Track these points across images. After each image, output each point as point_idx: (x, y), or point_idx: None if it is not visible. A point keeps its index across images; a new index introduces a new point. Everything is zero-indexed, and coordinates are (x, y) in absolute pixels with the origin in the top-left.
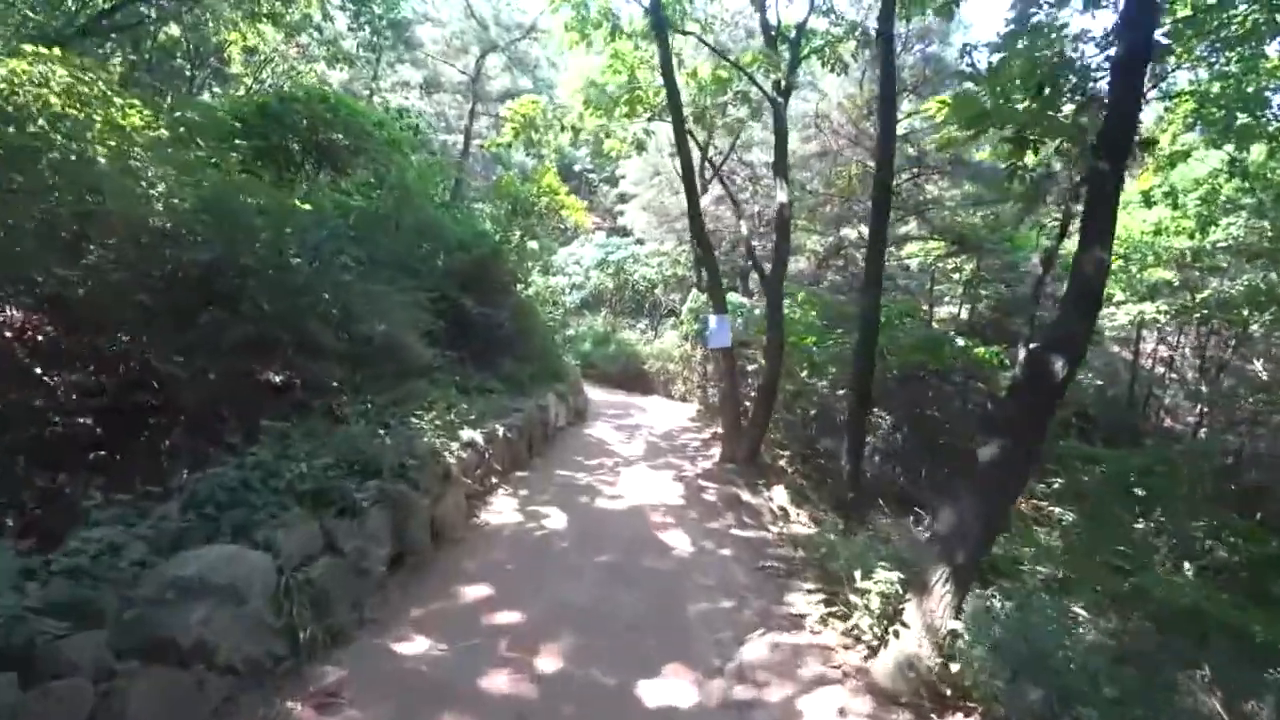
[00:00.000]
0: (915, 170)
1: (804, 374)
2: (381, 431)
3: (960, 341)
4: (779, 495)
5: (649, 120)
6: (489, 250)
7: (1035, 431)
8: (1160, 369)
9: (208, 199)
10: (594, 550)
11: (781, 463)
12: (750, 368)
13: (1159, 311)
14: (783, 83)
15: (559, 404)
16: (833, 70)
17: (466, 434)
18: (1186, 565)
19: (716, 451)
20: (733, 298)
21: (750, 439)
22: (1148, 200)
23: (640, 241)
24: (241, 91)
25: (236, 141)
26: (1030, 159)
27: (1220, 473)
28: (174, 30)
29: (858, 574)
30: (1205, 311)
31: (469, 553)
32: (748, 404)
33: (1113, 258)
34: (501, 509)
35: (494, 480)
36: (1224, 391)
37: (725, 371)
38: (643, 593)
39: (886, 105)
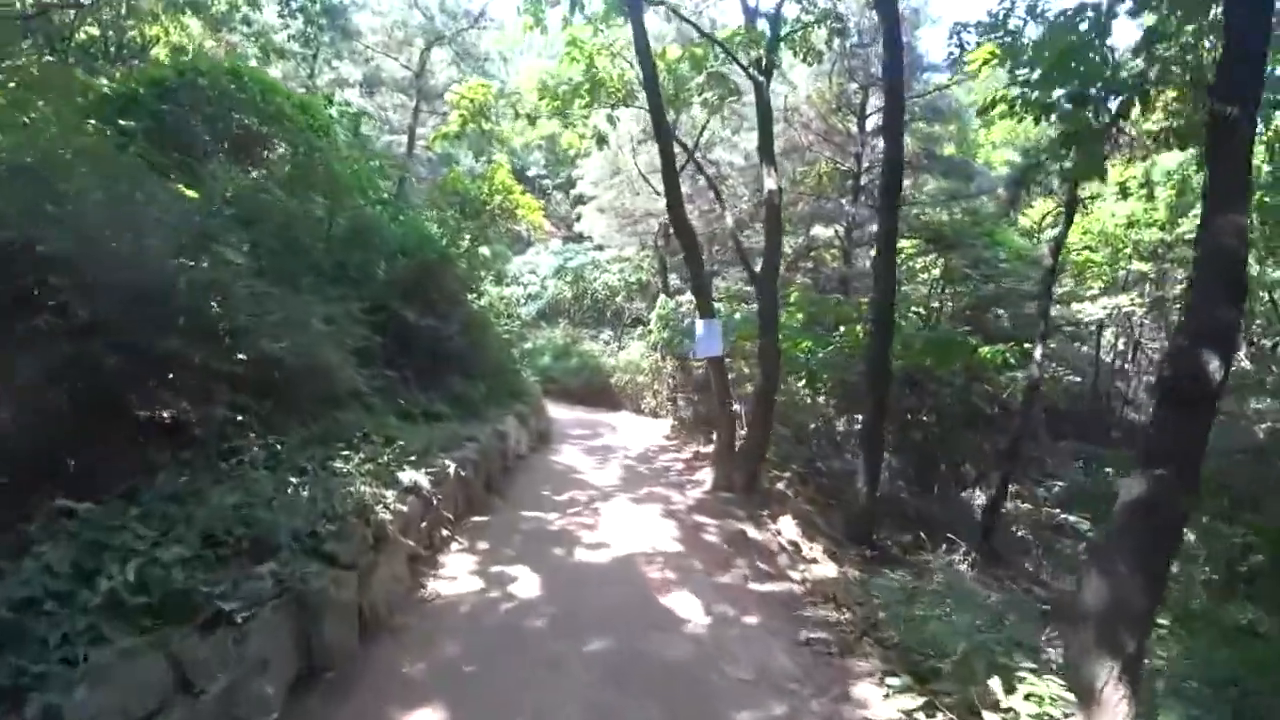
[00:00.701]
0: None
1: (800, 384)
2: (294, 481)
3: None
4: (787, 527)
5: (612, 109)
6: (435, 256)
7: (1193, 455)
8: (1119, 362)
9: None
10: (580, 630)
11: (780, 485)
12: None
13: (1133, 303)
14: (764, 60)
15: (519, 428)
16: (805, 60)
17: (408, 476)
18: None
19: (705, 476)
20: None
21: (747, 462)
22: (1124, 192)
23: (600, 247)
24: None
25: (122, 123)
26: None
27: None
28: (94, 30)
29: (978, 665)
30: (1180, 304)
31: (412, 648)
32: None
33: (1088, 250)
34: (456, 572)
35: (445, 533)
36: None
37: (717, 385)
38: (657, 702)
39: (893, 98)
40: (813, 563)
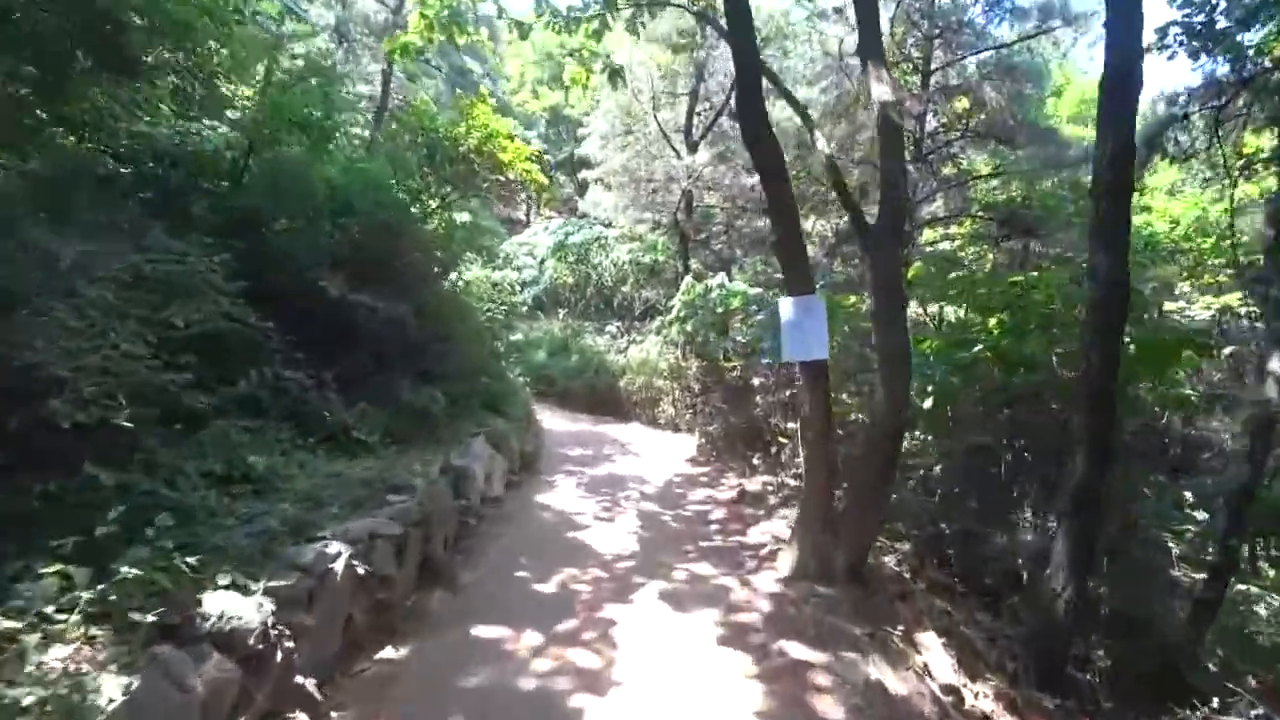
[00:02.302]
0: (961, 133)
1: (926, 405)
2: None
3: None
4: (938, 661)
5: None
6: (392, 217)
7: None
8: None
9: None
10: None
11: (889, 560)
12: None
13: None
14: None
15: (495, 456)
16: None
17: (221, 602)
18: None
19: (764, 534)
20: (738, 286)
21: (856, 536)
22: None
23: (608, 224)
24: None
25: None
26: None
27: None
28: None
29: None
30: None
31: None
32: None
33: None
34: None
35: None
36: None
37: (813, 408)
38: None
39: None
40: None
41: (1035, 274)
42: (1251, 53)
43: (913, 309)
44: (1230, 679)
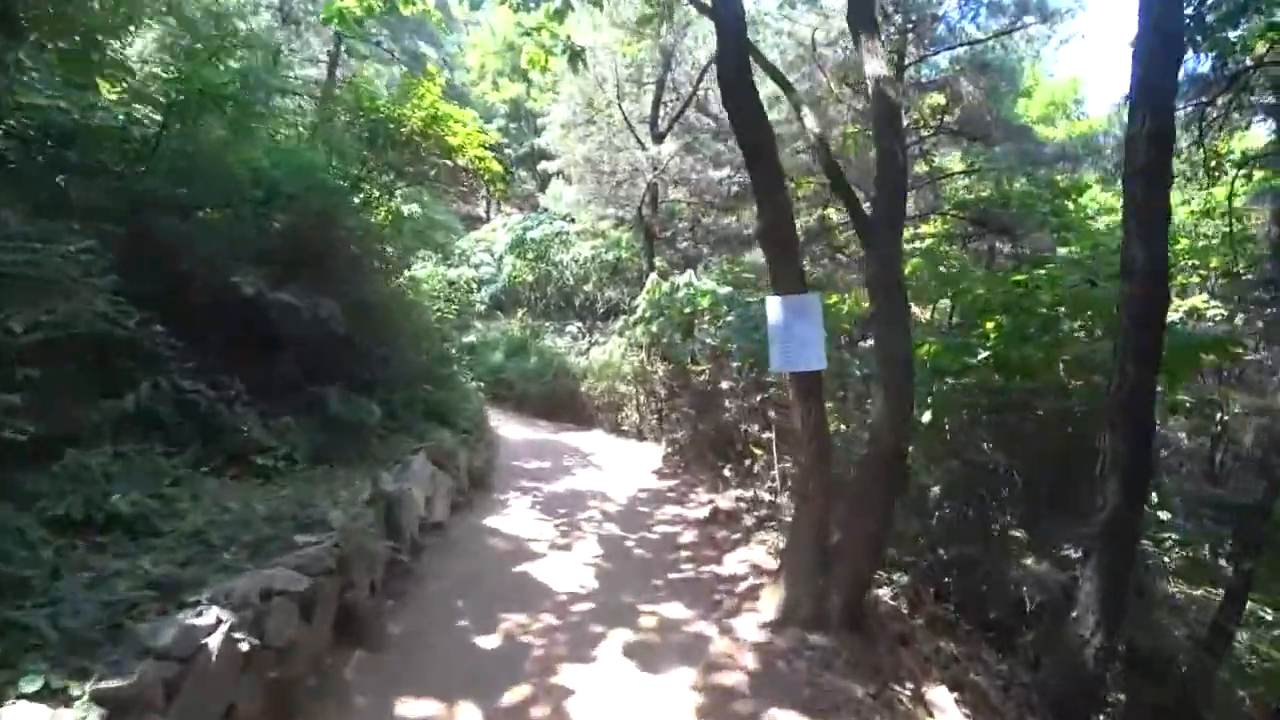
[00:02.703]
0: (935, 129)
1: (924, 417)
2: None
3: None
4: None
5: None
6: (327, 206)
7: None
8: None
9: None
10: None
11: (884, 593)
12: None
13: (1206, 305)
14: None
15: (437, 476)
16: None
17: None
18: None
19: (740, 560)
20: (706, 285)
21: (852, 575)
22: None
23: (569, 219)
24: None
25: None
26: None
27: None
28: None
29: None
30: None
31: None
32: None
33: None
34: None
35: None
36: None
37: (809, 426)
38: None
39: None
40: None
41: (1041, 271)
42: (1237, 49)
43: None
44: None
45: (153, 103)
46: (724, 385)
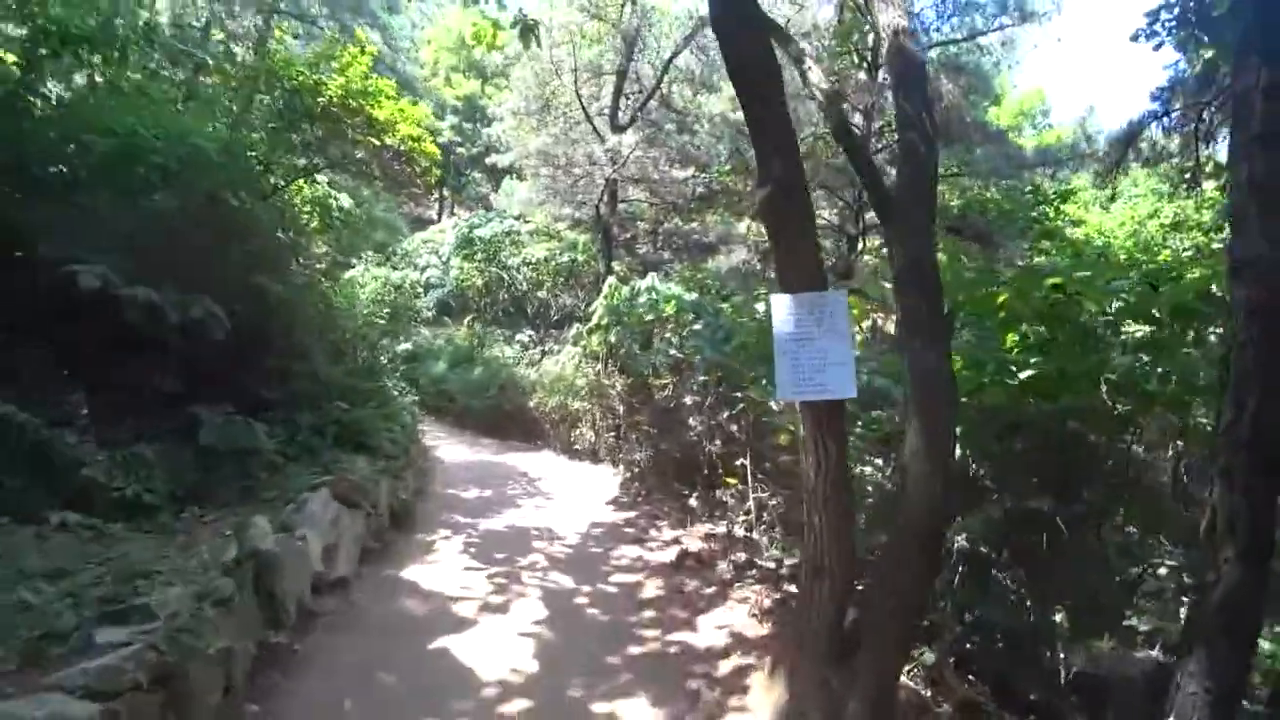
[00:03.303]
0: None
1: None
2: None
3: None
4: None
5: None
6: (212, 182)
7: None
8: None
9: None
10: None
11: (916, 684)
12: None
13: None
14: None
15: (342, 519)
16: None
17: None
18: None
19: (719, 626)
20: (671, 290)
21: (874, 669)
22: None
23: (522, 219)
24: None
25: None
26: None
27: None
28: None
29: None
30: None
31: None
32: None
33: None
34: None
35: None
36: None
37: (821, 477)
38: None
39: None
40: None
41: (1086, 274)
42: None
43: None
44: None
45: None
46: (687, 400)
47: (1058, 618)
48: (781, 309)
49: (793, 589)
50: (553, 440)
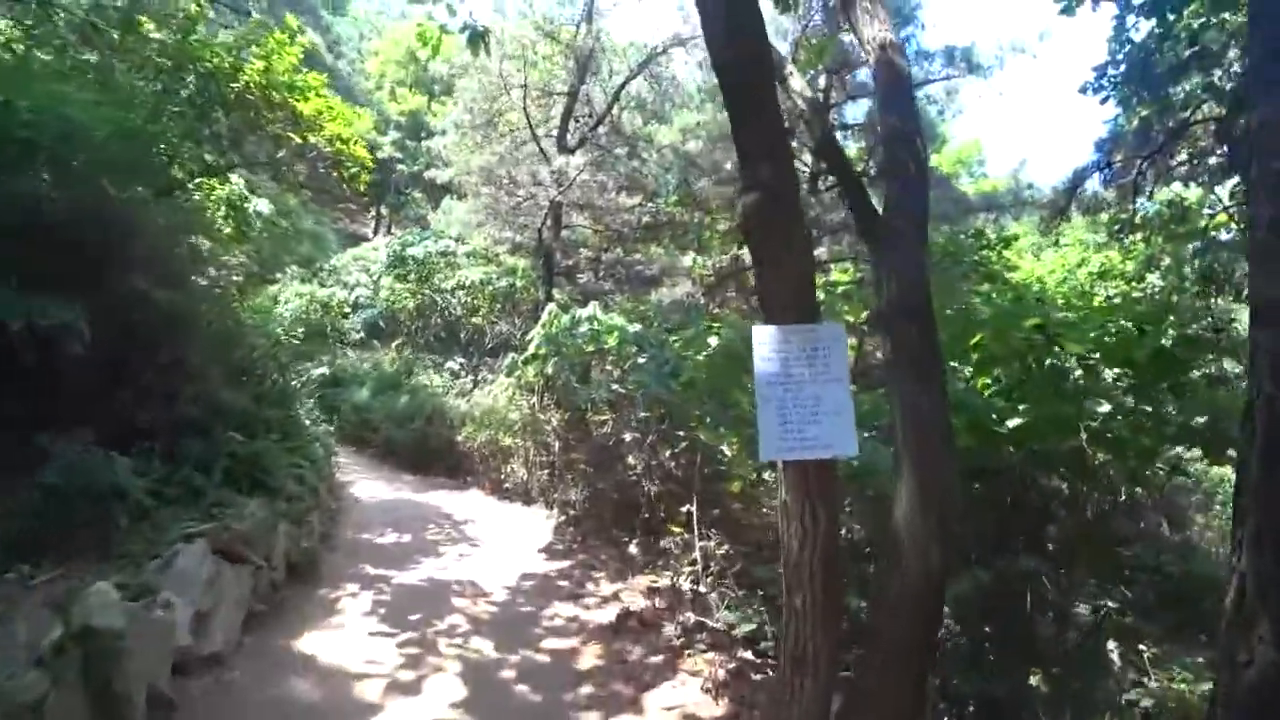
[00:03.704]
0: (862, 170)
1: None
2: None
3: None
4: None
5: None
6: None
7: None
8: None
9: None
10: None
11: None
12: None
13: None
14: None
15: (223, 577)
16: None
17: None
18: None
19: (668, 708)
20: (614, 320)
21: None
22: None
23: (461, 240)
24: None
25: None
26: None
27: None
28: None
29: None
30: None
31: None
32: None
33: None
34: None
35: None
36: None
37: (813, 546)
38: None
39: None
40: None
41: (1069, 315)
42: (1179, 105)
43: None
44: None
45: None
46: (628, 437)
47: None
48: (765, 344)
49: (749, 655)
50: (482, 478)
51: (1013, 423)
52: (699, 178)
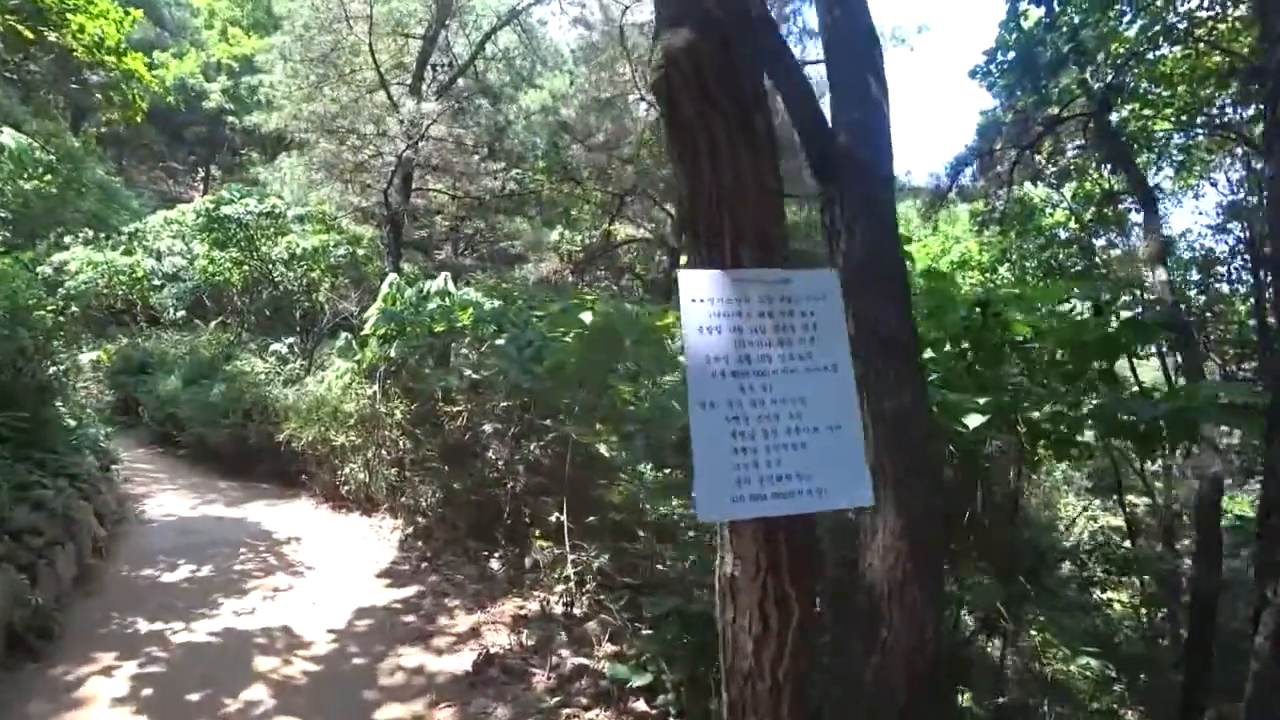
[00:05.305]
0: None
1: None
2: None
3: None
4: None
5: None
6: None
7: None
8: None
9: None
10: None
11: None
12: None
13: None
14: None
15: None
16: None
17: None
18: None
19: None
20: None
21: None
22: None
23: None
24: None
25: None
26: None
27: None
28: None
29: None
30: None
31: None
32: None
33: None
34: None
35: None
36: None
37: (778, 646)
38: None
39: None
40: None
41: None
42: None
43: None
44: None
45: None
46: (486, 428)
47: None
48: (703, 301)
49: (643, 707)
50: (313, 482)
51: (973, 421)
52: (570, 144)
